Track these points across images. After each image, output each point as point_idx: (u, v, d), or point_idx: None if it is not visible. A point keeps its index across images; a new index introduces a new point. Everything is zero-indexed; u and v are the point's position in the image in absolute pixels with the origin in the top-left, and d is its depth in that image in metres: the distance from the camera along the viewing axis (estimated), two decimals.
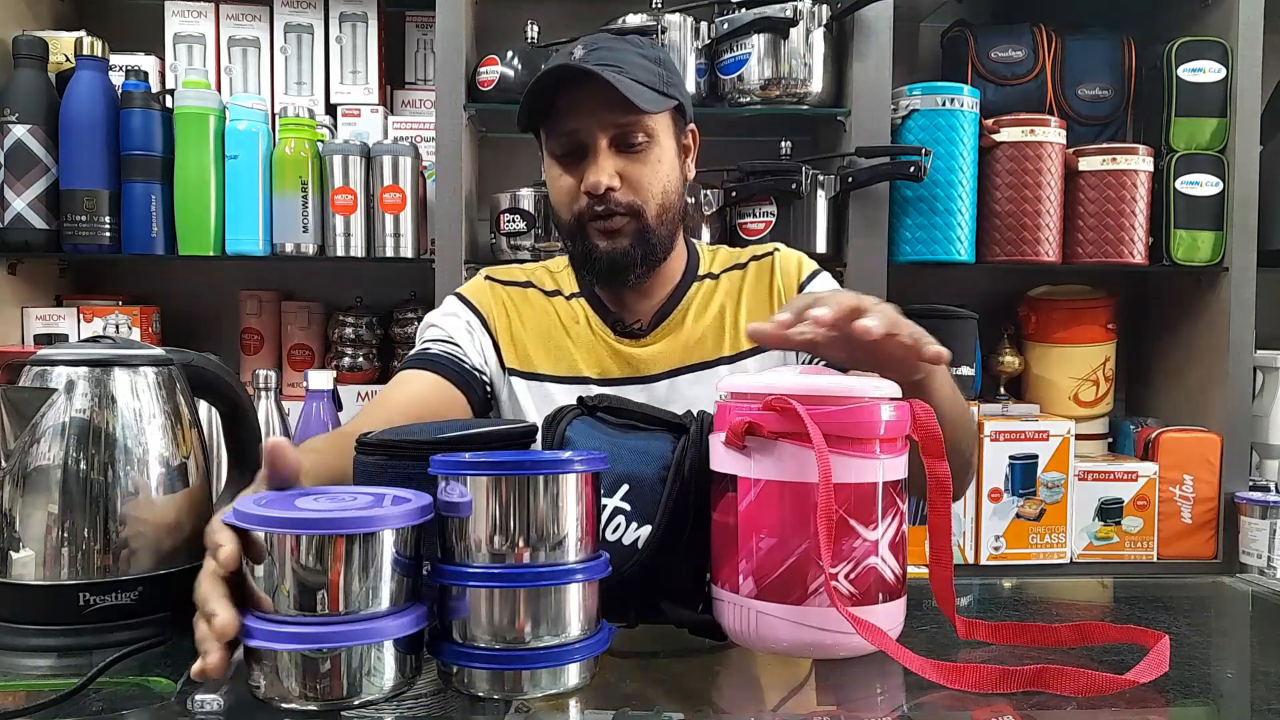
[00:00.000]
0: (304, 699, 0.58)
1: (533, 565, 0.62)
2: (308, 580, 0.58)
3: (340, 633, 0.58)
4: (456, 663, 0.63)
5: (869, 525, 0.69)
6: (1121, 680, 0.64)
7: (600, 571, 0.65)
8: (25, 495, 0.75)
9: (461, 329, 1.21)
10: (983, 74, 1.98)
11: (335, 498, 0.63)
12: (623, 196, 1.12)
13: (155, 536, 0.78)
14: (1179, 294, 2.05)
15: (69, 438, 0.75)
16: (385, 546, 0.60)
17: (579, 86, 1.09)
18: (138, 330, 1.88)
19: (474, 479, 0.62)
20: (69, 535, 0.75)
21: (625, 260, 1.14)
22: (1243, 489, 1.89)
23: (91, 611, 0.74)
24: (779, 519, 0.69)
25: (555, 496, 0.63)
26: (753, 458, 0.70)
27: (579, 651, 0.63)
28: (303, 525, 0.58)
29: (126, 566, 0.76)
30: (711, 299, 1.23)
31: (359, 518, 0.59)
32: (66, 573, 0.75)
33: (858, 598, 0.69)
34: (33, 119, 1.75)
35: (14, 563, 0.75)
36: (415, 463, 0.70)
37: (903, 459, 0.72)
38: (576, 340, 1.21)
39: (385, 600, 0.60)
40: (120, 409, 0.77)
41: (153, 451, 0.79)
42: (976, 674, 0.65)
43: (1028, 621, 0.78)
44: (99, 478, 0.76)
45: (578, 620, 0.63)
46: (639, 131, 1.11)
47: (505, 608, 0.62)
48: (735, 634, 0.73)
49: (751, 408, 0.70)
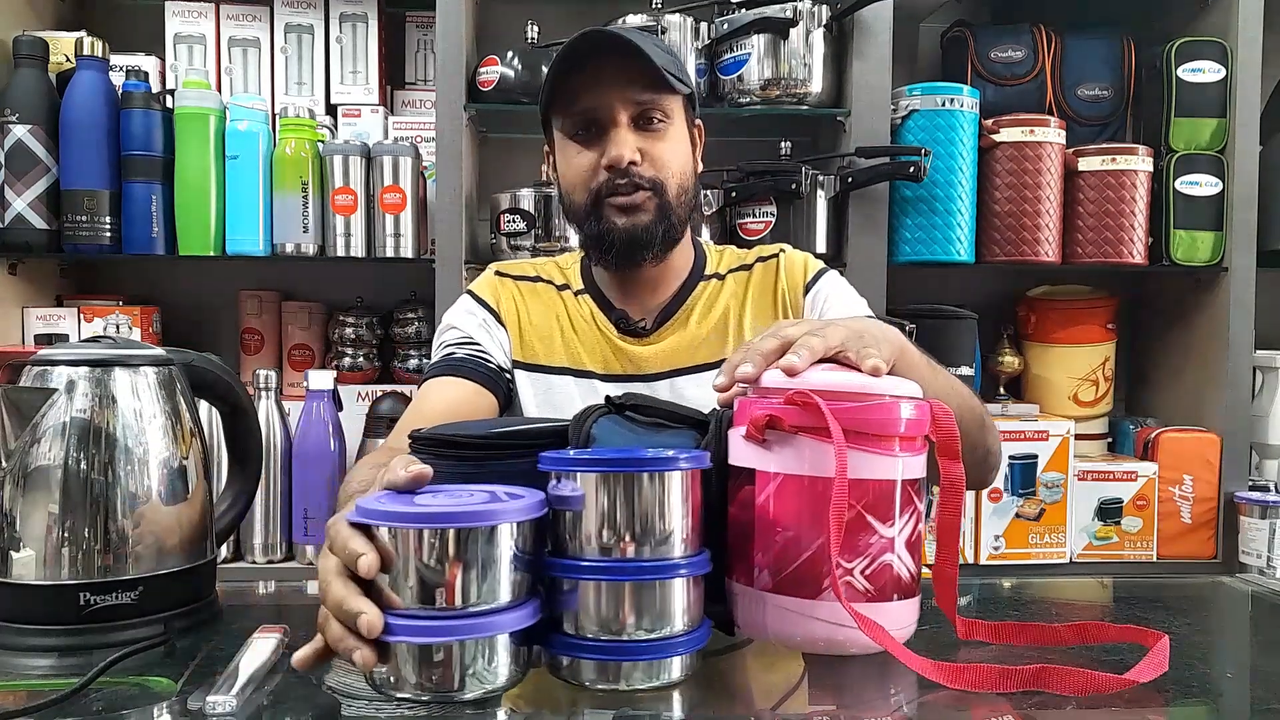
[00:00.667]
0: (419, 689, 0.59)
1: (640, 560, 0.64)
2: (431, 574, 0.59)
3: (462, 626, 0.59)
4: (568, 654, 0.64)
5: (886, 522, 0.69)
6: (1121, 680, 0.64)
7: (703, 567, 0.67)
8: (26, 495, 0.75)
9: (478, 327, 1.22)
10: (982, 74, 1.99)
11: (452, 494, 0.65)
12: (645, 171, 1.12)
13: (155, 537, 0.78)
14: (1179, 294, 2.05)
15: (69, 438, 0.75)
16: (506, 540, 0.61)
17: (600, 65, 1.10)
18: (138, 330, 1.88)
19: (584, 475, 0.64)
20: (69, 535, 0.75)
21: (645, 236, 1.14)
22: (1242, 489, 1.90)
23: (91, 611, 0.75)
24: (796, 513, 0.69)
25: (664, 493, 0.65)
26: (772, 451, 0.70)
27: (682, 645, 0.64)
28: (429, 520, 0.59)
29: (127, 567, 0.76)
30: (716, 300, 1.23)
31: (483, 511, 0.60)
32: (67, 572, 0.75)
33: (873, 594, 0.69)
34: (33, 119, 1.75)
35: (14, 562, 0.75)
36: (466, 460, 0.72)
37: (921, 458, 0.72)
38: (581, 335, 1.22)
39: (504, 594, 0.61)
40: (121, 409, 0.77)
41: (153, 452, 0.79)
42: (976, 673, 0.65)
43: (1027, 621, 0.79)
44: (99, 478, 0.76)
45: (682, 614, 0.65)
46: (659, 111, 1.13)
47: (616, 601, 0.63)
48: (748, 627, 0.73)
49: (773, 402, 0.71)
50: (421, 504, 0.61)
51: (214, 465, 0.89)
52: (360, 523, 0.61)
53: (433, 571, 0.59)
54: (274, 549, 1.79)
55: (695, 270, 1.25)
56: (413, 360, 1.99)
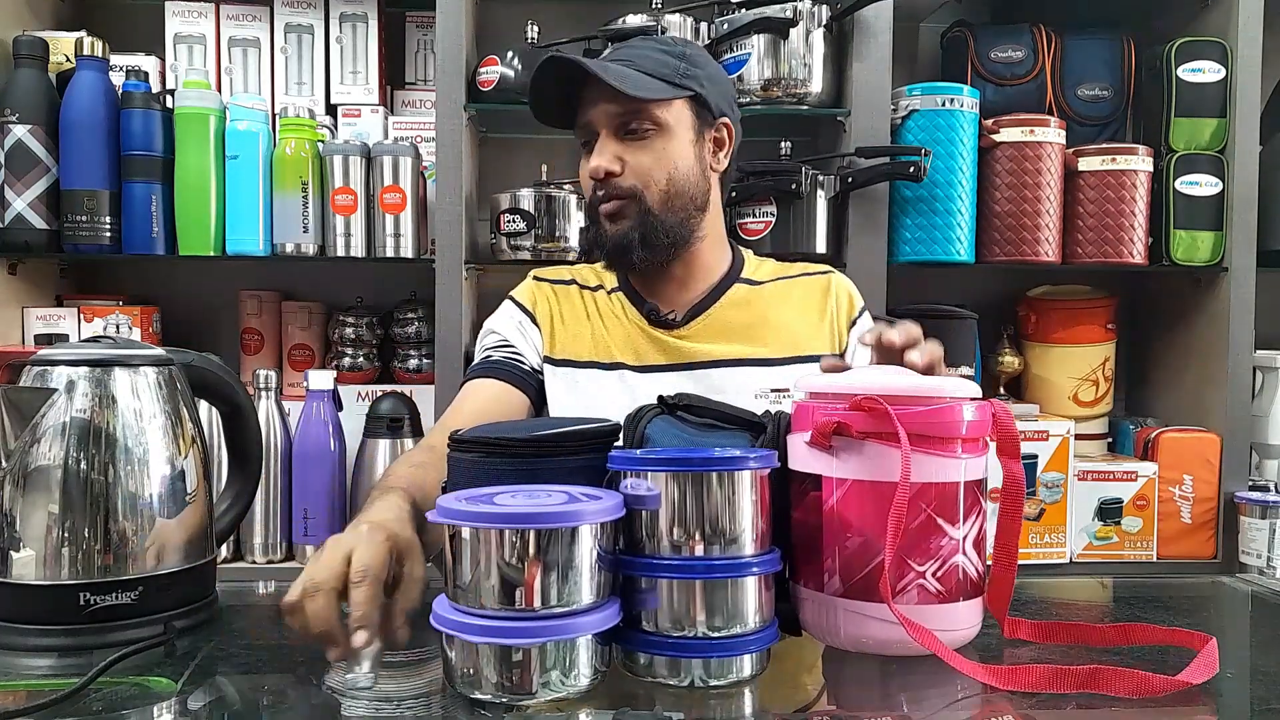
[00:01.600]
0: (498, 689, 0.60)
1: (713, 558, 0.65)
2: (513, 575, 0.60)
3: (544, 627, 0.60)
4: (646, 651, 0.65)
5: (954, 523, 0.70)
6: (1174, 681, 0.64)
7: (774, 565, 0.68)
8: (26, 495, 0.75)
9: (514, 329, 1.26)
10: (982, 74, 1.99)
11: (531, 494, 0.65)
12: (623, 181, 1.16)
13: (155, 536, 0.78)
14: (1179, 294, 2.05)
15: (69, 438, 0.75)
16: (587, 541, 0.61)
17: (584, 81, 1.14)
18: (138, 330, 1.88)
19: (655, 474, 0.65)
20: (69, 535, 0.75)
21: (624, 242, 1.17)
22: (1242, 489, 1.89)
23: (91, 611, 0.75)
24: (866, 518, 0.69)
25: (736, 491, 0.66)
26: (838, 457, 0.70)
27: (754, 643, 0.66)
28: (512, 520, 0.60)
29: (126, 566, 0.76)
30: (752, 300, 1.26)
31: (566, 512, 0.61)
32: (67, 572, 0.75)
33: (944, 595, 0.70)
34: (33, 119, 1.75)
35: (14, 563, 0.75)
36: (517, 460, 0.74)
37: (983, 459, 0.72)
38: (611, 329, 1.25)
39: (586, 595, 0.62)
40: (120, 409, 0.77)
41: (153, 452, 0.79)
42: (1028, 675, 0.65)
43: (1071, 621, 0.79)
44: (99, 478, 0.76)
45: (754, 612, 0.66)
46: (645, 120, 1.15)
47: (694, 598, 0.64)
48: (817, 631, 0.74)
49: (836, 407, 0.71)
50: (502, 504, 0.62)
51: (214, 465, 0.89)
52: (440, 522, 0.62)
53: (515, 571, 0.59)
54: (273, 549, 1.79)
55: (731, 272, 1.27)
56: (412, 360, 1.99)
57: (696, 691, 0.65)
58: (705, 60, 1.21)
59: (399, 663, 0.69)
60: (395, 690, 0.65)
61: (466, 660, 0.60)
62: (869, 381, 0.72)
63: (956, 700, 0.68)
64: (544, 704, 0.60)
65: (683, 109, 1.17)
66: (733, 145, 1.25)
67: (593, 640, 0.62)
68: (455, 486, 0.77)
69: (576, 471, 0.71)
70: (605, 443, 0.80)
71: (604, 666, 0.64)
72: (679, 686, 0.65)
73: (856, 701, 0.71)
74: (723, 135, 1.23)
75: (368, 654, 0.65)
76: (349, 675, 0.67)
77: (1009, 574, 0.75)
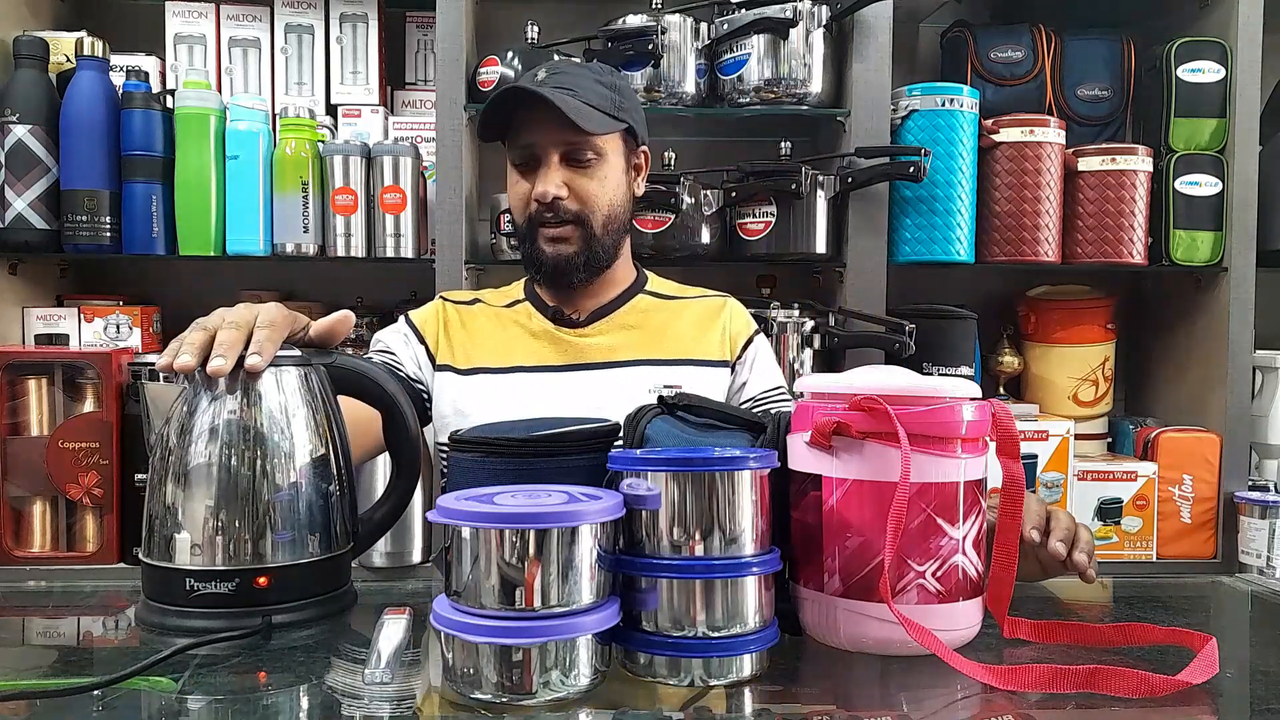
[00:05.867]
0: (498, 689, 0.60)
1: (713, 557, 0.65)
2: (513, 575, 0.60)
3: (544, 627, 0.60)
4: (647, 651, 0.65)
5: (954, 523, 0.70)
6: (1174, 681, 0.64)
7: (775, 565, 0.68)
8: (185, 489, 0.78)
9: (400, 341, 1.32)
10: (982, 74, 1.99)
11: (531, 494, 0.65)
12: (570, 205, 1.22)
13: (295, 528, 0.80)
14: (1178, 294, 2.05)
15: (220, 435, 0.78)
16: (587, 541, 0.62)
17: (534, 106, 1.18)
18: (138, 330, 1.88)
19: (656, 474, 0.65)
20: (222, 525, 0.77)
21: (568, 265, 1.24)
22: (1242, 489, 1.90)
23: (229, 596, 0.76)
24: (866, 518, 0.70)
25: (736, 491, 0.66)
26: (838, 457, 0.71)
27: (755, 642, 0.66)
28: (512, 520, 0.60)
29: (266, 555, 0.78)
30: (652, 311, 1.33)
31: (566, 512, 0.61)
32: (220, 558, 0.77)
33: (944, 595, 0.70)
34: (33, 119, 1.75)
35: (177, 548, 0.78)
36: (514, 460, 0.74)
37: (983, 459, 0.73)
38: (514, 336, 1.30)
39: (586, 595, 0.62)
40: (267, 407, 0.80)
41: (299, 445, 0.81)
42: (1029, 675, 0.65)
43: (1070, 620, 0.79)
44: (247, 473, 0.78)
45: (755, 612, 0.66)
46: (588, 149, 1.21)
47: (694, 598, 0.65)
48: (817, 631, 0.74)
49: (836, 407, 0.71)
50: (502, 504, 0.62)
51: (346, 461, 0.89)
52: (439, 521, 0.62)
53: (515, 571, 0.60)
54: None
55: (636, 285, 1.35)
56: None
57: (696, 691, 0.65)
58: (629, 90, 1.29)
59: (399, 663, 0.69)
60: (395, 690, 0.65)
61: (466, 660, 0.60)
62: (869, 381, 0.72)
63: (956, 700, 0.68)
64: (544, 704, 0.60)
65: (617, 139, 1.25)
66: (648, 170, 1.34)
67: (593, 640, 0.62)
68: (455, 486, 0.77)
69: (576, 471, 0.71)
70: (605, 443, 0.80)
71: (604, 666, 0.64)
72: (679, 686, 0.65)
73: (856, 701, 0.70)
74: (641, 161, 1.32)
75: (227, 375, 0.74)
76: (349, 676, 0.68)
77: (1009, 574, 0.75)
